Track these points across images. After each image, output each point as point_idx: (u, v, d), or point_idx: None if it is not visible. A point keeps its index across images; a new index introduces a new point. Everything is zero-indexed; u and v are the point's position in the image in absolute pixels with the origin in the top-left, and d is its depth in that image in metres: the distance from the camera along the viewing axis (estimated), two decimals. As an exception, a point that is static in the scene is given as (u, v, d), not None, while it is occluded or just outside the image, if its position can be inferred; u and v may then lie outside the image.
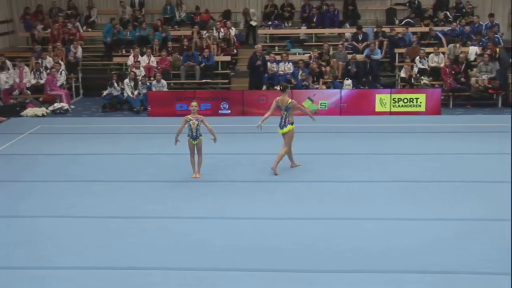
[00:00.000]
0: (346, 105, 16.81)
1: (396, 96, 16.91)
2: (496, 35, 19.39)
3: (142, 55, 19.56)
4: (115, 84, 18.29)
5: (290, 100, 11.68)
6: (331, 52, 19.51)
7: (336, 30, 21.64)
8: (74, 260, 8.07)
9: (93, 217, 9.58)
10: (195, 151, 11.39)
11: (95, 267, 7.87)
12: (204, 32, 20.75)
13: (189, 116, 11.28)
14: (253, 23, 22.00)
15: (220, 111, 17.20)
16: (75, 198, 10.46)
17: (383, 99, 16.90)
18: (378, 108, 16.88)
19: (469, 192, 10.38)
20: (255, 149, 13.40)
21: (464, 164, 12.08)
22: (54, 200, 10.41)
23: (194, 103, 11.35)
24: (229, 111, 17.26)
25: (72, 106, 18.76)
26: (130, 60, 19.46)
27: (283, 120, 11.67)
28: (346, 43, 20.03)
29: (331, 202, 10.06)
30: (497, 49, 18.33)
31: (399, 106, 16.85)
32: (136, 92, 18.18)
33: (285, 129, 11.65)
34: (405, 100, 16.88)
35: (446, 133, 14.65)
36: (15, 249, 8.45)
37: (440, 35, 20.01)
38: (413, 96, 16.93)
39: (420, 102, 16.84)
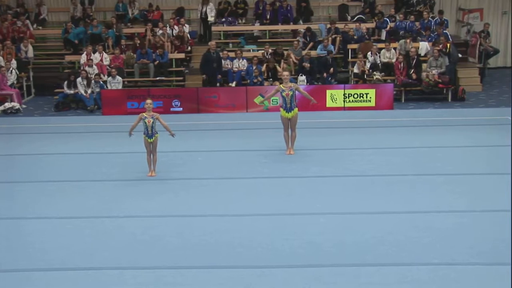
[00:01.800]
0: (298, 101, 16.96)
1: (347, 91, 17.15)
2: (444, 31, 19.83)
3: (94, 53, 19.38)
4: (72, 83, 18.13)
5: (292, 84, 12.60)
6: (285, 54, 19.58)
7: (289, 27, 21.79)
8: (28, 262, 8.00)
9: (48, 218, 9.50)
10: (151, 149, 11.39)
11: (51, 268, 7.82)
12: (158, 29, 20.67)
13: (144, 114, 11.26)
14: (210, 19, 21.80)
15: (172, 109, 17.17)
16: (29, 199, 10.34)
17: (333, 95, 17.14)
18: (329, 103, 17.11)
19: (422, 185, 10.62)
20: (209, 146, 13.45)
21: (416, 157, 12.34)
22: (7, 201, 10.27)
23: (148, 101, 11.33)
24: (181, 108, 17.26)
25: (24, 106, 18.47)
26: (83, 59, 19.27)
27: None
28: (300, 39, 20.22)
29: (285, 197, 10.18)
30: (448, 44, 18.78)
31: (349, 101, 17.10)
32: (89, 91, 18.02)
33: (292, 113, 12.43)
34: (355, 96, 17.15)
35: (398, 127, 14.94)
36: (-32, 252, 8.34)
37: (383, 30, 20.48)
38: (363, 91, 17.21)
39: (370, 97, 17.12)
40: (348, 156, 12.47)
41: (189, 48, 20.89)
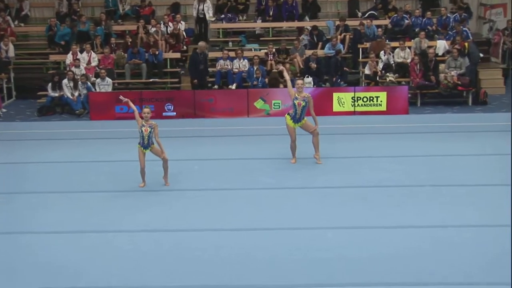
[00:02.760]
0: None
1: (355, 94, 17.12)
2: (464, 29, 19.85)
3: (81, 52, 19.47)
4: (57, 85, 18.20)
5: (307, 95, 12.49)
6: (290, 54, 19.58)
7: (294, 24, 21.86)
8: (9, 283, 8.01)
9: (31, 232, 9.53)
10: (145, 160, 11.31)
11: None
12: (150, 26, 20.76)
13: (143, 121, 11.25)
14: (209, 18, 21.68)
15: (164, 113, 17.20)
16: (11, 212, 10.37)
17: (341, 98, 17.15)
18: (336, 107, 17.15)
19: (439, 197, 10.63)
20: (206, 154, 13.49)
21: (432, 166, 12.36)
22: (-15, 214, 10.32)
23: (146, 110, 11.25)
24: (174, 113, 17.30)
25: (4, 110, 18.52)
26: (69, 58, 19.35)
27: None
28: (305, 37, 20.27)
29: (289, 210, 10.20)
30: (466, 44, 18.79)
31: (359, 105, 17.10)
32: (76, 93, 18.10)
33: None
34: (365, 99, 17.15)
35: (414, 133, 14.96)
36: None
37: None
38: (373, 94, 17.23)
39: (381, 101, 17.13)
40: (358, 165, 12.50)
41: (185, 47, 20.96)
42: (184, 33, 21.16)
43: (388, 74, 18.61)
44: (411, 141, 14.24)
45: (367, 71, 19.00)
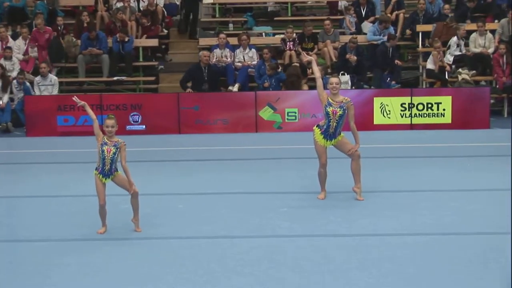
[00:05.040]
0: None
1: (412, 100, 17.22)
2: None
3: (15, 38, 19.65)
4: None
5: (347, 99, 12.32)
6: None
7: (324, -3, 22.04)
8: None
9: None
10: (106, 194, 11.38)
11: None
12: (115, 1, 20.91)
13: (105, 137, 11.32)
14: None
15: (128, 127, 17.38)
16: None
17: (385, 105, 17.24)
18: (378, 119, 17.26)
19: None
20: (194, 186, 13.61)
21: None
22: None
23: (110, 121, 11.10)
24: (143, 126, 17.43)
25: None
26: (-4, 47, 19.56)
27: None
28: (349, 18, 20.38)
29: (317, 269, 10.16)
30: None
31: (415, 116, 17.18)
32: (5, 98, 18.21)
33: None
34: (420, 107, 17.22)
35: (496, 157, 15.04)
36: None
37: None
38: (432, 100, 17.29)
39: (443, 109, 17.23)
40: (414, 203, 12.50)
41: (165, 30, 21.10)
42: (164, 10, 21.25)
43: (460, 70, 18.68)
44: (491, 169, 14.29)
45: (429, 65, 19.06)
